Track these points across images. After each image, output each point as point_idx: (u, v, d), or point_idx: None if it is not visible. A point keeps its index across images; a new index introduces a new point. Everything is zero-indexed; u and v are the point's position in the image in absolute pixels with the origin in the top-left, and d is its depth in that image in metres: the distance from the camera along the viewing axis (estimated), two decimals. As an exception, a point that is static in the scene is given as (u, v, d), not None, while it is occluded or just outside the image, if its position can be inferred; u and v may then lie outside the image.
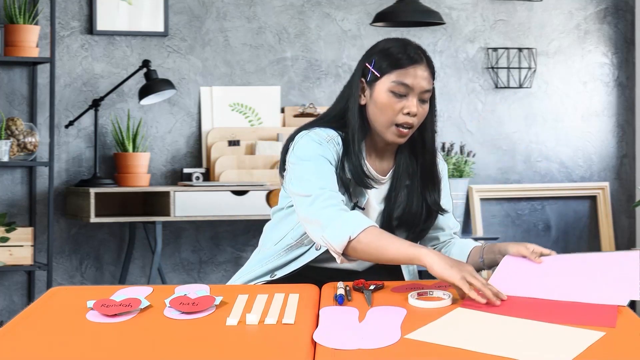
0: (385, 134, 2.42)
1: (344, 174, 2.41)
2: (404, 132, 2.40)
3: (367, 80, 2.43)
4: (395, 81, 2.38)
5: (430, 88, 2.40)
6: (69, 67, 4.99)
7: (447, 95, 5.51)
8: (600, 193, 5.72)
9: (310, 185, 2.33)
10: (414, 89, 2.38)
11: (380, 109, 2.40)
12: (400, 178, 2.49)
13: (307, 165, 2.37)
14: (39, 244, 4.88)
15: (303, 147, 2.40)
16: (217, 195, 4.71)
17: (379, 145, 2.48)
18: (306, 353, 1.71)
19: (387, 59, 2.40)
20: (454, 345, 1.72)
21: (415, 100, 2.37)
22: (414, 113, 2.37)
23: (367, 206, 2.46)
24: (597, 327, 1.80)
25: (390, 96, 2.38)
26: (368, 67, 2.42)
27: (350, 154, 2.42)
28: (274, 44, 5.28)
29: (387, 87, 2.39)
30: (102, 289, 2.23)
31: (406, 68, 2.38)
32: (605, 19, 5.75)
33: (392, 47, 2.42)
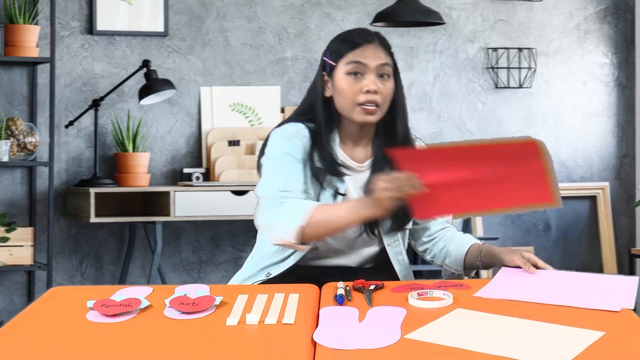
0: (352, 116, 2.48)
1: (314, 164, 2.47)
2: (370, 109, 2.46)
3: (327, 73, 2.51)
4: (350, 62, 2.46)
5: (386, 61, 2.47)
6: (69, 67, 5.00)
7: (447, 95, 5.51)
8: (600, 193, 5.72)
9: (266, 188, 2.44)
10: (368, 66, 2.45)
11: (341, 93, 2.47)
12: (379, 166, 2.52)
13: (270, 165, 2.47)
14: (39, 244, 4.88)
15: (270, 145, 2.50)
16: (217, 195, 4.71)
17: (353, 133, 2.53)
18: (306, 353, 1.71)
19: (338, 46, 2.50)
20: (454, 345, 1.72)
21: (372, 76, 2.45)
22: (373, 90, 2.44)
23: (347, 193, 2.50)
24: (594, 328, 1.80)
25: (348, 78, 2.46)
26: (325, 60, 2.52)
27: (320, 145, 2.48)
28: (274, 44, 5.28)
29: (343, 71, 2.47)
30: (102, 289, 2.23)
31: (356, 49, 2.47)
32: (605, 19, 5.76)
33: (343, 35, 2.53)
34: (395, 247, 2.56)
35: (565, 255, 5.72)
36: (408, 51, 5.48)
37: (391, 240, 2.55)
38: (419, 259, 5.15)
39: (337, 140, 2.52)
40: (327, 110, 2.51)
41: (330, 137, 2.50)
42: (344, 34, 2.54)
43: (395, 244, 2.56)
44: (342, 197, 2.48)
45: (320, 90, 2.52)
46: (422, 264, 5.16)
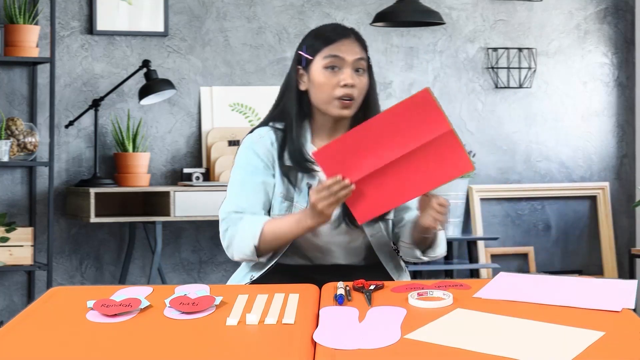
0: (329, 110, 2.52)
1: (283, 162, 2.52)
2: (346, 102, 2.50)
3: (303, 67, 2.55)
4: (327, 56, 2.50)
5: (362, 56, 2.52)
6: (69, 67, 5.00)
7: (447, 95, 5.51)
8: (600, 193, 5.72)
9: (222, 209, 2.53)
10: (345, 60, 2.50)
11: (318, 87, 2.52)
12: None
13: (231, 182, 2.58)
14: (39, 244, 4.88)
15: (237, 156, 2.60)
16: (217, 195, 4.71)
17: (326, 127, 2.57)
18: (306, 353, 1.71)
19: (315, 40, 2.54)
20: (454, 345, 1.72)
21: (349, 71, 2.50)
22: (350, 84, 2.49)
23: None
24: (594, 328, 1.80)
25: (325, 72, 2.51)
26: (301, 54, 2.55)
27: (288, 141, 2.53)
28: (274, 44, 5.28)
29: (321, 65, 2.51)
30: (102, 289, 2.23)
31: (334, 43, 2.51)
32: (605, 19, 5.76)
33: (319, 30, 2.58)
34: (379, 237, 2.56)
35: (565, 255, 5.72)
36: (408, 51, 5.48)
37: (374, 231, 2.56)
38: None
39: (309, 136, 2.56)
40: (300, 104, 2.56)
41: (301, 133, 2.54)
42: (320, 29, 2.58)
43: (379, 235, 2.56)
44: None
45: (295, 83, 2.56)
46: (422, 264, 5.16)
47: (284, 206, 2.53)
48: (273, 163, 2.53)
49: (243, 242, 2.45)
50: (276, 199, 2.53)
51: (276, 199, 2.53)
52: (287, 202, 2.52)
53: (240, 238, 2.46)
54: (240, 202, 2.51)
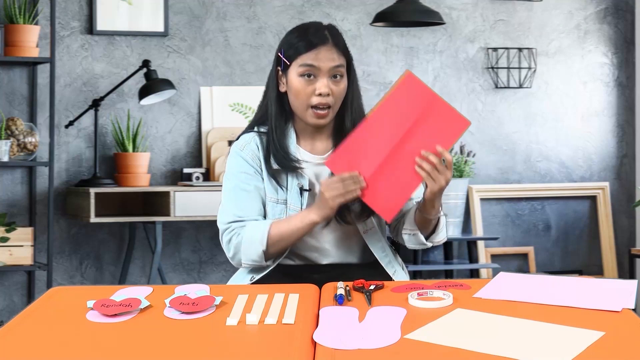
0: (305, 118, 2.52)
1: (270, 166, 2.52)
2: (321, 113, 2.50)
3: (282, 69, 2.54)
4: (302, 64, 2.49)
5: (339, 63, 2.50)
6: (69, 67, 5.00)
7: (447, 95, 5.51)
8: (600, 193, 5.72)
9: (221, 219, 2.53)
10: (321, 69, 2.49)
11: (294, 94, 2.52)
12: None
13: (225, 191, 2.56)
14: (39, 244, 4.88)
15: (227, 165, 2.59)
16: (217, 195, 4.69)
17: (309, 127, 2.57)
18: (306, 353, 1.71)
19: (291, 46, 2.52)
20: (454, 345, 1.72)
21: (325, 80, 2.48)
22: (325, 93, 2.48)
23: (312, 188, 2.53)
24: (594, 328, 1.80)
25: (301, 80, 2.50)
26: (280, 56, 2.54)
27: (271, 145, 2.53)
28: (274, 44, 5.28)
29: (297, 72, 2.51)
30: (102, 289, 2.23)
31: (309, 52, 2.49)
32: (605, 19, 5.76)
33: (294, 34, 2.54)
34: (373, 233, 2.56)
35: (565, 255, 5.72)
36: (408, 51, 5.48)
37: (366, 228, 2.56)
38: (418, 259, 5.15)
39: (293, 136, 2.56)
40: (280, 105, 2.56)
41: (285, 133, 2.54)
42: (298, 31, 2.54)
43: (372, 231, 2.56)
44: (307, 193, 2.51)
45: (275, 85, 2.56)
46: (422, 264, 5.16)
47: (278, 209, 2.52)
48: (261, 167, 2.54)
49: (250, 249, 2.46)
50: (268, 204, 2.53)
51: (268, 203, 2.53)
52: (281, 205, 2.51)
53: (247, 245, 2.46)
54: (238, 211, 2.51)
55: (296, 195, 2.51)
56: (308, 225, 2.43)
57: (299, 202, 2.51)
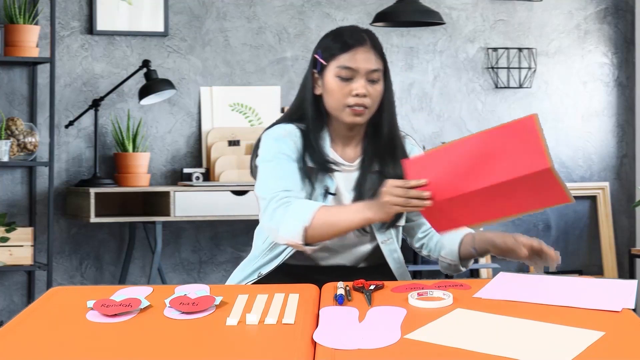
0: (342, 117, 2.49)
1: (306, 164, 2.48)
2: (358, 110, 2.47)
3: (317, 71, 2.52)
4: (339, 66, 2.47)
5: (376, 67, 2.48)
6: (69, 67, 5.00)
7: (447, 95, 5.51)
8: (600, 193, 5.72)
9: (267, 189, 2.42)
10: (358, 71, 2.46)
11: (330, 94, 2.48)
12: (368, 164, 2.54)
13: (266, 167, 2.46)
14: (39, 244, 4.88)
15: (264, 147, 2.50)
16: (217, 195, 4.71)
17: (342, 132, 2.54)
18: (306, 353, 1.71)
19: (329, 46, 2.50)
20: (454, 345, 1.72)
21: (362, 81, 2.46)
22: (362, 94, 2.45)
23: (337, 192, 2.51)
24: (594, 328, 1.80)
25: (337, 81, 2.47)
26: (316, 58, 2.52)
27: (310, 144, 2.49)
28: (274, 44, 5.28)
29: (333, 73, 2.48)
30: (102, 289, 2.23)
31: (347, 52, 2.47)
32: (605, 19, 5.76)
33: (334, 35, 2.52)
34: (389, 244, 2.55)
35: (565, 255, 5.71)
36: (408, 51, 5.48)
37: (385, 238, 2.55)
38: (419, 259, 5.15)
39: (328, 139, 2.53)
40: (317, 108, 2.53)
41: (320, 135, 2.52)
42: (337, 33, 2.53)
43: (389, 242, 2.56)
44: (332, 197, 2.49)
45: (311, 87, 2.53)
46: (422, 264, 5.16)
47: None
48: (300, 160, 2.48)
49: (292, 224, 2.33)
50: None
51: None
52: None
53: (291, 219, 2.34)
54: (283, 183, 2.41)
55: (320, 197, 2.47)
56: (361, 221, 2.31)
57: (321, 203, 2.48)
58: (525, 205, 2.14)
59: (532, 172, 2.02)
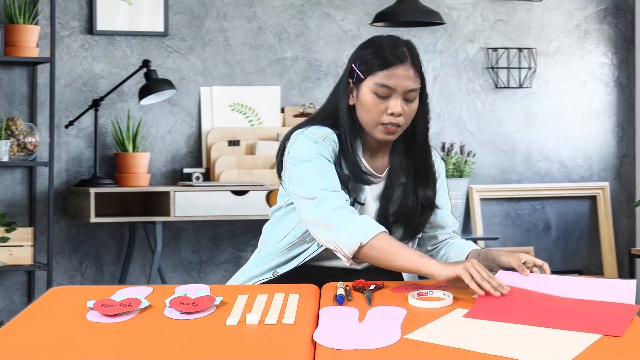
0: (374, 133, 2.43)
1: (342, 170, 2.42)
2: (392, 129, 2.40)
3: (353, 81, 2.44)
4: (377, 83, 2.38)
5: (415, 87, 2.39)
6: (69, 67, 5.00)
7: (447, 95, 5.51)
8: (600, 193, 5.72)
9: (314, 187, 2.34)
10: (396, 90, 2.37)
11: (365, 109, 2.41)
12: (396, 176, 2.50)
13: (307, 166, 2.38)
14: (39, 244, 4.88)
15: (300, 146, 2.41)
16: (217, 195, 4.71)
17: (372, 143, 2.49)
18: (306, 353, 1.71)
19: (369, 61, 2.41)
20: (454, 345, 1.72)
21: (399, 100, 2.38)
22: (397, 113, 2.38)
23: (365, 202, 2.48)
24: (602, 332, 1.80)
25: (374, 97, 2.39)
26: (354, 69, 2.44)
27: (345, 152, 2.44)
28: (274, 44, 5.28)
29: (370, 89, 2.39)
30: (102, 289, 2.23)
31: (387, 69, 2.38)
32: (605, 19, 5.76)
33: (374, 48, 2.42)
34: None
35: (565, 255, 5.72)
36: (408, 51, 5.47)
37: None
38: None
39: (360, 150, 2.48)
40: (351, 118, 2.46)
41: (354, 145, 2.47)
42: (378, 46, 2.42)
43: None
44: (360, 206, 2.45)
45: (345, 97, 2.46)
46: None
47: None
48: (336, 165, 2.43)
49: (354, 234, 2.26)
50: None
51: None
52: None
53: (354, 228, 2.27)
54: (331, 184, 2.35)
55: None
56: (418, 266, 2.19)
57: None
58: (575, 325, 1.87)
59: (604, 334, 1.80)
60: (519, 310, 1.93)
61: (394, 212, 2.49)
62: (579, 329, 1.79)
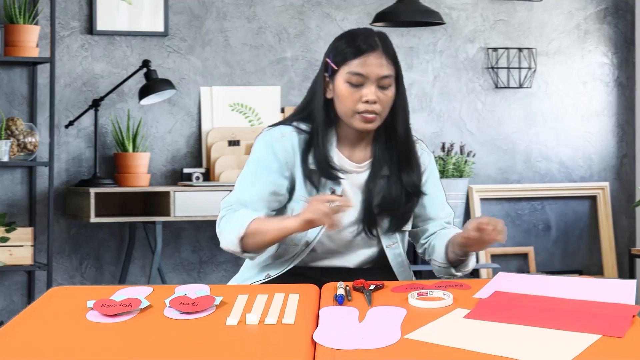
0: (352, 123, 2.47)
1: (307, 165, 2.48)
2: (369, 117, 2.45)
3: (329, 75, 2.49)
4: (350, 72, 2.44)
5: (387, 74, 2.45)
6: (69, 67, 5.00)
7: (447, 95, 5.51)
8: (600, 193, 5.72)
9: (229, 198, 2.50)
10: (369, 77, 2.44)
11: (341, 100, 2.46)
12: (378, 167, 2.53)
13: (242, 174, 2.52)
14: (39, 244, 4.88)
15: (253, 148, 2.54)
16: (217, 195, 4.71)
17: (351, 135, 2.53)
18: (306, 353, 1.71)
19: (342, 50, 2.47)
20: (454, 345, 1.72)
21: (372, 87, 2.43)
22: (372, 100, 2.43)
23: (344, 194, 2.50)
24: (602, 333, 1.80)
25: (348, 87, 2.45)
26: (327, 61, 2.49)
27: (315, 147, 2.48)
28: (274, 44, 5.28)
29: (344, 79, 2.45)
30: (102, 289, 2.23)
31: (358, 58, 2.44)
32: (605, 19, 5.76)
33: (347, 39, 2.48)
34: (394, 248, 2.55)
35: (565, 255, 5.72)
36: (408, 51, 5.48)
37: (390, 242, 2.55)
38: (419, 259, 5.15)
39: (334, 142, 2.52)
40: (326, 112, 2.50)
41: (327, 139, 2.50)
42: (348, 37, 2.49)
43: (394, 246, 2.55)
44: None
45: (322, 90, 2.50)
46: (422, 264, 5.16)
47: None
48: (291, 166, 2.48)
49: (231, 233, 2.40)
50: (298, 203, 2.49)
51: (297, 202, 2.49)
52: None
53: (230, 228, 2.41)
54: (244, 196, 2.47)
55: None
56: (281, 230, 2.36)
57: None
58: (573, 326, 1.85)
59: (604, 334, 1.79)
60: (520, 312, 1.93)
61: (378, 203, 2.51)
62: (580, 329, 1.79)
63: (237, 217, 2.42)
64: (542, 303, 2.00)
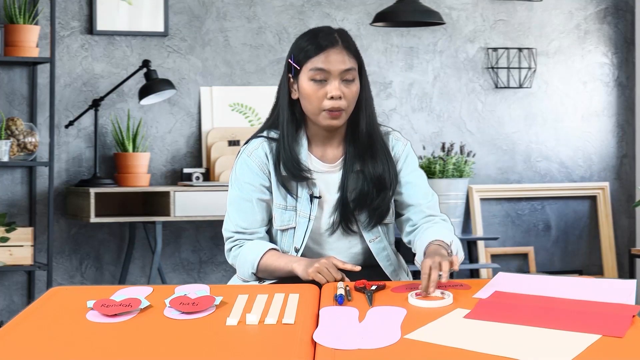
0: (319, 121, 2.49)
1: (280, 173, 2.51)
2: (335, 114, 2.47)
3: (292, 75, 2.51)
4: (313, 68, 2.46)
5: (350, 67, 2.47)
6: (69, 67, 5.00)
7: (447, 95, 5.51)
8: (600, 193, 5.72)
9: (226, 226, 2.58)
10: (332, 73, 2.45)
11: (306, 98, 2.48)
12: (350, 164, 2.54)
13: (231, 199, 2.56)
14: (39, 244, 4.88)
15: (234, 169, 2.57)
16: (217, 195, 4.71)
17: (320, 134, 2.54)
18: (306, 353, 1.71)
19: (301, 50, 2.49)
20: (454, 345, 1.72)
21: (336, 82, 2.45)
22: (337, 96, 2.45)
23: (321, 195, 2.52)
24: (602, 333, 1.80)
25: (312, 84, 2.47)
26: (290, 62, 2.52)
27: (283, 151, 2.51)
28: (274, 44, 5.29)
29: (307, 77, 2.47)
30: (102, 289, 2.23)
31: (318, 55, 2.46)
32: (605, 19, 5.76)
33: (309, 37, 2.51)
34: (378, 242, 2.55)
35: (565, 255, 5.72)
36: (408, 51, 5.48)
37: (372, 236, 2.55)
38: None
39: (305, 143, 2.53)
40: (292, 113, 2.52)
41: (297, 141, 2.52)
42: (309, 35, 2.51)
43: (377, 240, 2.55)
44: (318, 200, 2.49)
45: (286, 92, 2.53)
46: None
47: (287, 216, 2.51)
48: (269, 175, 2.52)
49: (244, 267, 2.52)
50: (276, 211, 2.52)
51: (276, 210, 2.52)
52: (290, 212, 2.50)
53: (242, 262, 2.52)
54: (241, 222, 2.54)
55: (306, 203, 2.49)
56: (289, 272, 2.42)
57: (308, 209, 2.49)
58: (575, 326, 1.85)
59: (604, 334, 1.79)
60: (520, 312, 1.93)
61: (353, 199, 2.52)
62: (580, 329, 1.79)
63: (247, 251, 2.52)
64: (542, 303, 2.00)
